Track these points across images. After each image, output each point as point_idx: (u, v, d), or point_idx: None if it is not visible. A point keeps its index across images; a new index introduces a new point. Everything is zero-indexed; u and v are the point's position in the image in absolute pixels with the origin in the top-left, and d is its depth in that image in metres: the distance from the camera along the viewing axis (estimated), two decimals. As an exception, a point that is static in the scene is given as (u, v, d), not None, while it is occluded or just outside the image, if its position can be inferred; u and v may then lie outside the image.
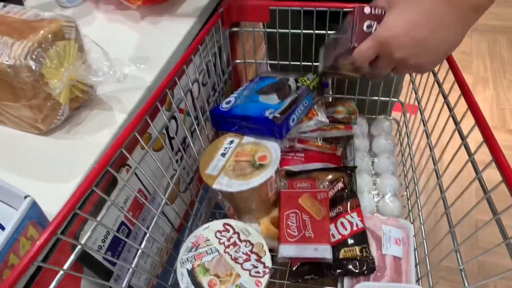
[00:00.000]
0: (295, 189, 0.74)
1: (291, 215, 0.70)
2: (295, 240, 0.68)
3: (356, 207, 0.71)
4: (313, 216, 0.69)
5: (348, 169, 0.78)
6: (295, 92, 0.76)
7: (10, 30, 0.56)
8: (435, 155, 0.67)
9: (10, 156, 0.59)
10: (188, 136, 0.75)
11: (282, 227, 0.69)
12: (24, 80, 0.53)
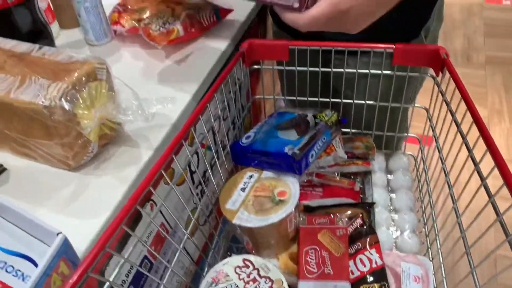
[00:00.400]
0: (314, 225, 0.75)
1: (310, 251, 0.71)
2: (315, 277, 0.68)
3: (375, 243, 0.71)
4: (332, 253, 0.70)
5: (366, 205, 0.78)
6: (313, 128, 0.78)
7: (46, 72, 0.59)
8: (453, 193, 0.68)
9: (40, 191, 0.61)
10: (208, 170, 0.76)
11: (301, 263, 0.70)
12: (57, 120, 0.56)
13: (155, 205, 0.68)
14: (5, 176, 0.63)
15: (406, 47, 0.77)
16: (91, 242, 0.54)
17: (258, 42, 0.84)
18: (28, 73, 0.59)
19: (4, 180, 0.63)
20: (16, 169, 0.65)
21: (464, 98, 0.63)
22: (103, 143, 0.64)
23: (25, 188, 0.62)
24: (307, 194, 0.84)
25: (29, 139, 0.61)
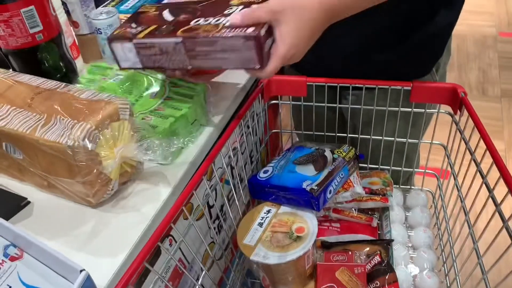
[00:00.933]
0: (331, 262, 0.74)
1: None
2: None
3: (394, 282, 0.70)
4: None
5: (385, 242, 0.78)
6: (331, 163, 0.78)
7: (71, 110, 0.61)
8: (473, 233, 0.67)
9: (62, 227, 0.62)
10: (226, 204, 0.77)
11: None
12: (80, 160, 0.57)
13: (174, 240, 0.68)
14: (29, 209, 0.65)
15: (423, 85, 0.77)
16: (111, 279, 0.54)
17: (277, 78, 0.85)
18: (54, 111, 0.61)
19: (28, 213, 0.64)
20: (39, 203, 0.66)
21: (484, 139, 0.63)
22: (123, 180, 0.66)
23: (47, 222, 0.63)
24: (324, 230, 0.84)
25: (52, 175, 0.63)
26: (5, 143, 0.63)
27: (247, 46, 0.60)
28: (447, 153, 0.80)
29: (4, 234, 0.49)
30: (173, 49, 0.64)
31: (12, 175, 0.69)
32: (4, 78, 0.70)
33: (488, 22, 3.02)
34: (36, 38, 0.77)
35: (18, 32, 0.75)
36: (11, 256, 0.48)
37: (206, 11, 0.68)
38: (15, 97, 0.65)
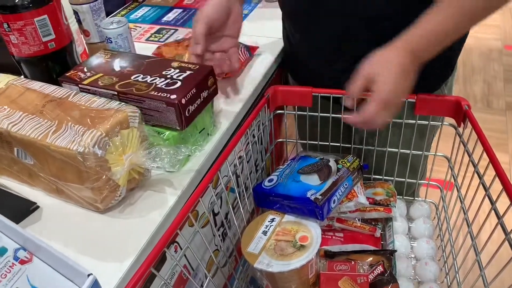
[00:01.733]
0: (334, 272, 0.75)
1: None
2: None
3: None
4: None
5: (388, 252, 0.78)
6: (336, 173, 0.79)
7: (82, 118, 0.62)
8: (476, 245, 0.68)
9: (69, 231, 0.63)
10: (231, 211, 0.78)
11: None
12: (90, 166, 0.59)
13: (179, 247, 0.69)
14: (38, 214, 0.66)
15: (427, 97, 0.78)
16: (118, 284, 0.55)
17: (283, 88, 0.87)
18: (65, 118, 0.63)
19: (37, 218, 0.65)
20: (48, 208, 0.67)
21: (487, 151, 0.64)
22: (131, 187, 0.67)
23: (56, 226, 0.64)
24: (328, 239, 0.84)
25: (61, 181, 0.64)
26: (16, 148, 0.64)
27: (169, 110, 0.68)
28: (451, 165, 0.81)
29: (15, 237, 0.51)
30: (111, 98, 0.70)
31: (22, 180, 0.70)
32: (16, 85, 0.71)
33: (494, 35, 3.03)
34: (49, 46, 0.78)
35: (31, 40, 0.76)
36: (21, 259, 0.50)
37: (148, 68, 0.75)
38: (27, 104, 0.67)
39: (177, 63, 0.76)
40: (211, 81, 0.75)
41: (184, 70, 0.73)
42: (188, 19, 1.20)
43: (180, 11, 1.25)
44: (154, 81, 0.71)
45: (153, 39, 1.12)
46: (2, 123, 0.64)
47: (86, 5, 0.91)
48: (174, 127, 0.70)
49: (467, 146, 0.74)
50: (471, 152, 0.72)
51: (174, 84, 0.70)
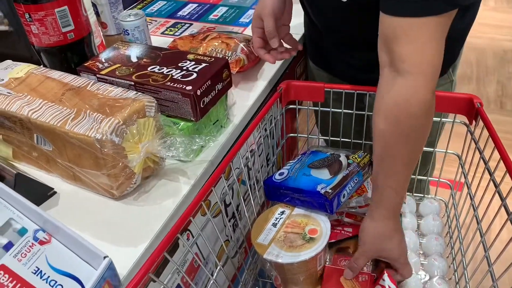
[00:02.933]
0: (338, 266, 0.76)
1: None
2: None
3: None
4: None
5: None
6: (346, 168, 0.80)
7: (100, 106, 0.64)
8: (485, 242, 0.68)
9: (86, 216, 0.65)
10: (242, 203, 0.79)
11: None
12: (107, 153, 0.60)
13: (191, 235, 0.71)
14: (55, 199, 0.68)
15: (439, 94, 0.78)
16: (132, 267, 0.57)
17: (295, 83, 0.88)
18: (83, 106, 0.64)
19: (54, 203, 0.67)
20: (65, 193, 0.69)
21: (498, 148, 0.64)
22: (145, 175, 0.68)
23: (72, 211, 0.66)
24: (336, 233, 0.85)
25: (79, 167, 0.66)
26: (36, 135, 0.66)
27: (184, 101, 0.69)
28: (461, 162, 0.81)
29: (35, 219, 0.52)
30: (128, 88, 0.72)
31: (41, 166, 0.72)
32: (36, 74, 0.73)
33: (508, 36, 3.00)
34: (68, 37, 0.80)
35: (51, 31, 0.78)
36: (40, 240, 0.51)
37: (164, 59, 0.77)
38: (47, 92, 0.69)
39: (192, 55, 0.77)
40: (225, 73, 0.76)
41: (199, 62, 0.75)
42: (203, 14, 1.21)
43: (195, 5, 1.26)
44: (170, 72, 0.73)
45: (169, 33, 1.13)
46: (23, 110, 0.66)
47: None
48: (189, 118, 0.71)
49: (478, 143, 0.74)
50: (483, 149, 0.72)
51: (190, 75, 0.72)
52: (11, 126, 0.68)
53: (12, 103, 0.67)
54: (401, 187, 0.68)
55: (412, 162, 0.66)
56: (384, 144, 0.65)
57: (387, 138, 0.65)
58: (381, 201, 0.69)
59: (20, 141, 0.70)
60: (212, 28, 1.14)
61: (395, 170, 0.66)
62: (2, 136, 0.72)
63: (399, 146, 0.64)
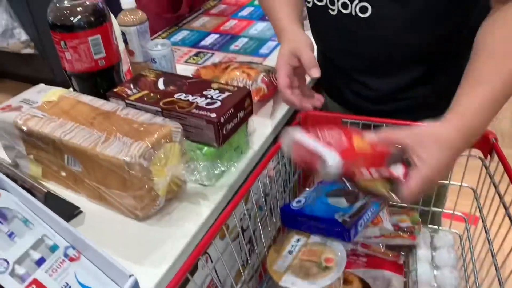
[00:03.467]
0: None
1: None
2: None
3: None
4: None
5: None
6: (363, 198, 0.82)
7: (129, 130, 0.67)
8: (501, 276, 0.69)
9: (110, 236, 0.67)
10: (259, 228, 0.81)
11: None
12: (134, 175, 0.63)
13: (209, 258, 0.72)
14: (81, 218, 0.71)
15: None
16: (154, 287, 0.59)
17: (314, 113, 0.90)
18: (113, 130, 0.68)
19: (80, 221, 0.70)
20: (90, 213, 0.72)
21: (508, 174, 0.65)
22: (169, 197, 0.71)
23: (97, 231, 0.68)
24: (351, 263, 0.86)
25: (105, 188, 0.68)
26: (67, 156, 0.70)
27: (208, 127, 0.72)
28: (476, 196, 0.82)
29: (66, 236, 0.55)
30: (155, 114, 0.75)
31: (68, 186, 0.75)
32: (68, 98, 0.77)
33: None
34: (99, 64, 0.85)
35: (84, 57, 0.83)
36: (70, 256, 0.54)
37: (190, 87, 0.80)
38: (78, 115, 0.72)
39: (216, 85, 0.81)
40: (247, 102, 0.79)
41: (223, 91, 0.78)
42: (224, 44, 1.26)
43: (217, 36, 1.31)
44: (195, 100, 0.76)
45: (192, 61, 1.18)
46: (55, 131, 0.69)
47: (134, 27, 0.98)
48: (212, 144, 0.74)
49: (494, 178, 0.75)
50: (498, 183, 0.73)
51: (214, 103, 0.75)
52: (44, 147, 0.72)
53: (46, 125, 0.70)
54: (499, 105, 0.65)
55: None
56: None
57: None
58: (475, 118, 0.63)
59: (50, 161, 0.74)
60: (233, 58, 1.18)
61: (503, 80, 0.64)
62: (33, 156, 0.75)
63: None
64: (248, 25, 1.36)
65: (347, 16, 0.83)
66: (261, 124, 0.92)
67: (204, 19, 1.42)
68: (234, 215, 0.66)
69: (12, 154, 0.80)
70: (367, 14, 0.80)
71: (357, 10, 0.81)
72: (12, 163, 0.80)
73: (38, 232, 0.54)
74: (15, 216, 0.54)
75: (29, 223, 0.54)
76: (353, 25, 0.83)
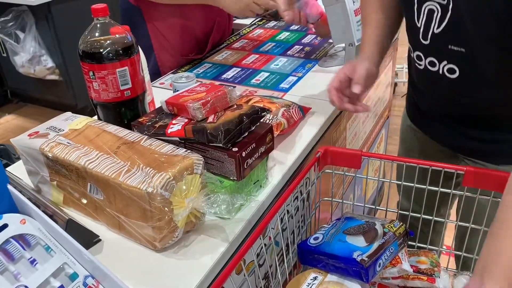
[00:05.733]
0: None
1: None
2: None
3: None
4: None
5: None
6: (382, 237, 0.80)
7: (152, 161, 0.68)
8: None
9: (127, 265, 0.67)
10: (275, 264, 0.80)
11: None
12: (155, 206, 0.63)
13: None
14: (99, 246, 0.71)
15: (476, 170, 0.80)
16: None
17: (333, 149, 0.90)
18: (137, 160, 0.69)
19: (98, 250, 0.70)
20: (109, 241, 0.72)
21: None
22: (187, 229, 0.71)
23: (115, 260, 0.68)
24: (368, 303, 0.84)
25: (125, 217, 0.69)
26: (90, 184, 0.71)
27: (229, 161, 0.73)
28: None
29: (86, 265, 0.55)
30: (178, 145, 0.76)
31: (88, 213, 0.76)
32: (94, 126, 0.79)
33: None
34: (124, 94, 0.87)
35: (111, 88, 0.85)
36: (89, 285, 0.54)
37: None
38: (103, 144, 0.74)
39: None
40: (269, 137, 0.80)
41: None
42: (245, 78, 1.28)
43: (239, 69, 1.34)
44: None
45: (213, 94, 1.20)
46: (80, 159, 0.70)
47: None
48: (232, 177, 0.74)
49: None
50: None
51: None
52: (67, 174, 0.73)
53: (71, 153, 0.72)
54: None
55: None
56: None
57: None
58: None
59: (72, 188, 0.75)
60: (254, 91, 1.20)
61: None
62: (56, 182, 0.76)
63: None
64: (269, 60, 1.38)
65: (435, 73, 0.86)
66: (280, 159, 0.92)
67: (226, 53, 1.46)
68: (251, 250, 0.66)
69: (35, 180, 0.81)
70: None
71: (445, 70, 0.84)
72: (35, 188, 0.82)
73: (59, 260, 0.54)
74: (38, 243, 0.55)
75: (51, 250, 0.55)
76: (444, 83, 0.86)
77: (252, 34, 1.62)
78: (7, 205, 0.61)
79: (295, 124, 1.01)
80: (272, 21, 1.73)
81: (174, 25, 1.33)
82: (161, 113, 0.84)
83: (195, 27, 1.37)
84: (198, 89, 0.84)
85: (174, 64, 1.37)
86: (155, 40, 1.33)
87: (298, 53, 1.42)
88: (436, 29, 0.80)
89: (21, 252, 0.56)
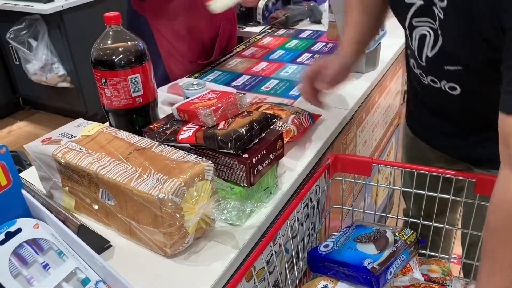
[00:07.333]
0: None
1: None
2: None
3: None
4: None
5: None
6: (393, 245, 0.80)
7: (163, 167, 0.68)
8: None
9: (137, 271, 0.68)
10: (286, 271, 0.80)
11: None
12: (166, 211, 0.64)
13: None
14: (110, 252, 0.71)
15: (488, 178, 0.79)
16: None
17: (343, 156, 0.90)
18: (148, 166, 0.69)
19: (109, 255, 0.71)
20: (119, 247, 0.72)
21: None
22: (197, 236, 0.71)
23: (125, 265, 0.69)
24: (379, 312, 0.83)
25: (136, 223, 0.69)
26: (102, 189, 0.71)
27: (240, 167, 0.73)
28: None
29: (97, 270, 0.55)
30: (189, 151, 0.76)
31: (99, 219, 0.76)
32: (106, 133, 0.80)
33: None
34: (136, 101, 0.88)
35: (122, 95, 0.86)
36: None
37: None
38: (115, 150, 0.74)
39: None
40: (279, 144, 0.80)
41: None
42: (255, 85, 1.29)
43: (248, 77, 1.34)
44: None
45: (223, 101, 1.20)
46: (92, 165, 0.71)
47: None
48: (242, 184, 0.75)
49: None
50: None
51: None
52: (79, 180, 0.74)
53: (83, 159, 0.72)
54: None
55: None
56: (495, 242, 0.65)
57: (498, 236, 0.64)
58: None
59: (84, 194, 0.75)
60: (264, 99, 1.20)
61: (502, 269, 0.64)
62: (68, 188, 0.77)
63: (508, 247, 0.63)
64: (279, 68, 1.39)
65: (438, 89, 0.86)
66: (290, 165, 0.92)
67: (236, 61, 1.46)
68: (262, 257, 0.66)
69: (47, 185, 0.82)
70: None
71: (447, 88, 0.84)
72: (47, 194, 0.83)
73: (71, 265, 0.54)
74: (51, 247, 0.55)
75: (63, 255, 0.55)
76: (445, 98, 0.86)
77: (261, 42, 1.63)
78: (21, 210, 0.61)
79: (305, 131, 1.01)
80: (282, 29, 1.74)
81: (180, 32, 1.34)
82: (172, 119, 0.84)
83: (201, 32, 1.38)
84: (209, 96, 0.84)
85: (183, 70, 1.38)
86: (162, 48, 1.34)
87: (308, 61, 1.43)
88: (429, 52, 0.81)
89: (34, 256, 0.57)
